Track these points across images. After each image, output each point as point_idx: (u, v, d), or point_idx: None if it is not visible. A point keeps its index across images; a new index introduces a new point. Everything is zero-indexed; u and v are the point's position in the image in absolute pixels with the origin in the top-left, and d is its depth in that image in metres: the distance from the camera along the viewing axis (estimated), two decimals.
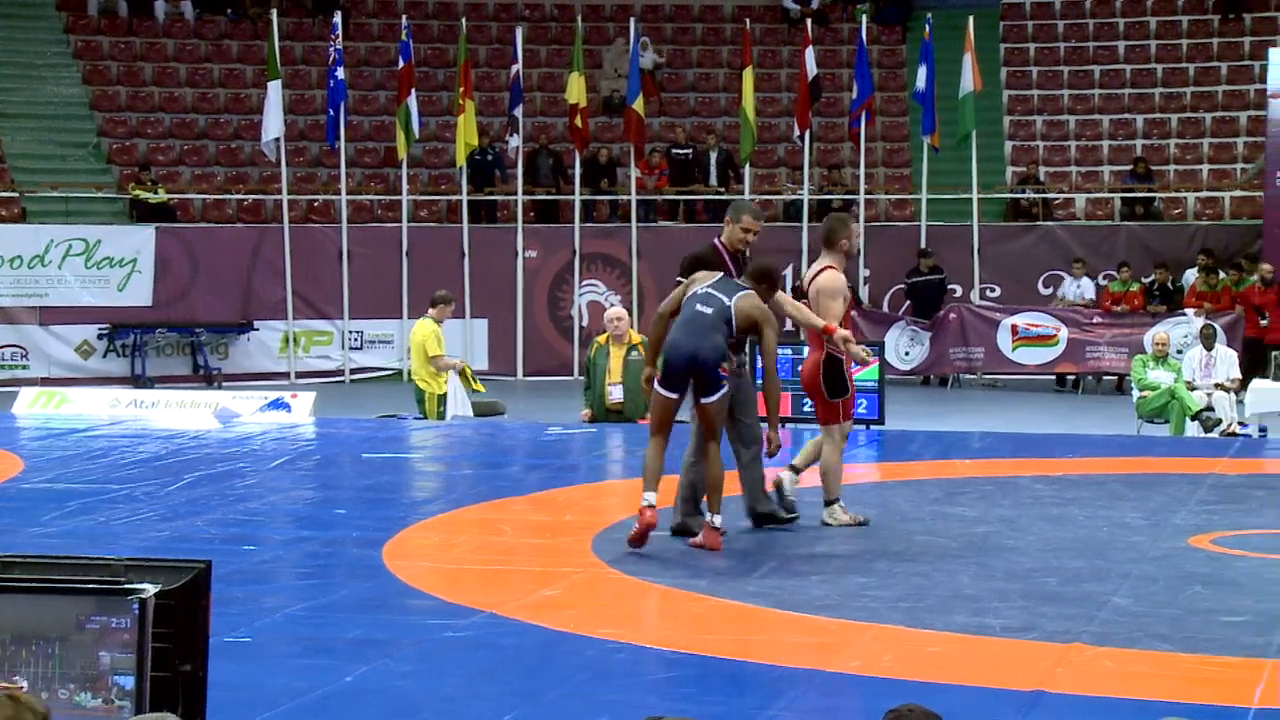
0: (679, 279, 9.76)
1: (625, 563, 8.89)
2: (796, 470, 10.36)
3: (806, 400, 15.36)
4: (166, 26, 27.11)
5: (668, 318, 9.59)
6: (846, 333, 10.13)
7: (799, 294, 10.87)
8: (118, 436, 14.12)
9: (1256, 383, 16.45)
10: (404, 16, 24.79)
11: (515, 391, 21.38)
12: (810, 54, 23.41)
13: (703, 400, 9.46)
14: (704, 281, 9.54)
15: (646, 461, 9.47)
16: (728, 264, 9.86)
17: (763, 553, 9.27)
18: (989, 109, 25.75)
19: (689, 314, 9.42)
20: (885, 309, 23.62)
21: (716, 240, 10.10)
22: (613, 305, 19.49)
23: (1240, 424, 16.45)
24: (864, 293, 23.46)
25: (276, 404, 15.87)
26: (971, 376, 22.54)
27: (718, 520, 9.36)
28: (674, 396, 9.49)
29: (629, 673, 6.72)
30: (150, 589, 3.80)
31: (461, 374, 15.62)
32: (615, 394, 14.41)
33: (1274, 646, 7.04)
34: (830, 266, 10.25)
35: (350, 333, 23.52)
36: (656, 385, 9.49)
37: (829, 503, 10.12)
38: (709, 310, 9.39)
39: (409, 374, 17.15)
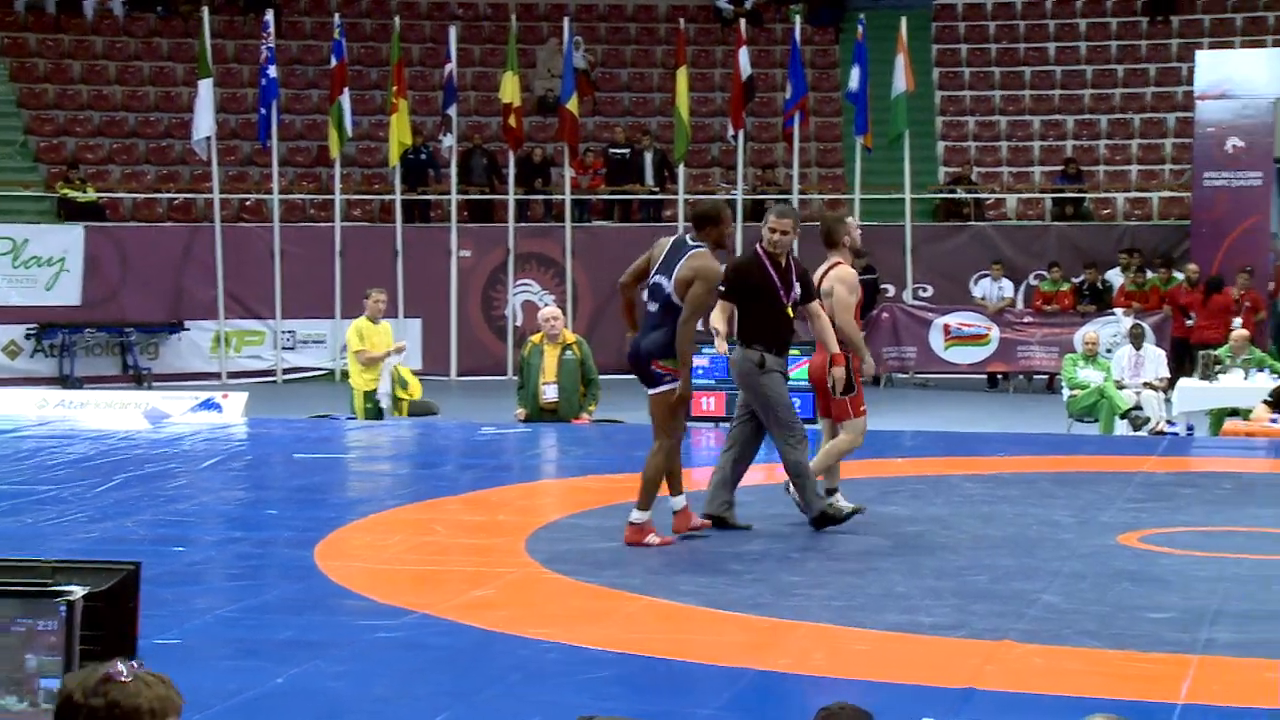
0: (720, 289, 9.75)
1: (558, 563, 8.89)
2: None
3: (796, 398, 15.45)
4: (95, 23, 26.90)
5: (629, 286, 9.67)
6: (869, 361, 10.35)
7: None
8: (46, 437, 14.00)
9: (1184, 382, 16.62)
10: (337, 15, 24.69)
11: (449, 391, 21.33)
12: (744, 54, 23.47)
13: (649, 392, 9.46)
14: (661, 251, 9.50)
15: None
16: (768, 270, 9.84)
17: (696, 552, 9.28)
18: (921, 109, 25.90)
19: (641, 302, 9.50)
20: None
21: (757, 246, 10.05)
22: (547, 305, 19.46)
23: (1168, 422, 16.61)
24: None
25: (207, 404, 15.77)
26: (904, 376, 22.65)
27: (638, 515, 9.37)
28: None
29: (562, 673, 6.72)
30: (78, 591, 3.76)
31: (397, 375, 15.53)
32: (549, 393, 14.41)
33: (1200, 642, 7.11)
34: (840, 262, 10.32)
35: (283, 333, 23.40)
36: None
37: (829, 491, 10.27)
38: (654, 306, 9.45)
39: (342, 374, 17.09)
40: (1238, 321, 18.51)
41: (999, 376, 22.50)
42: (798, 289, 9.90)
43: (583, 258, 24.12)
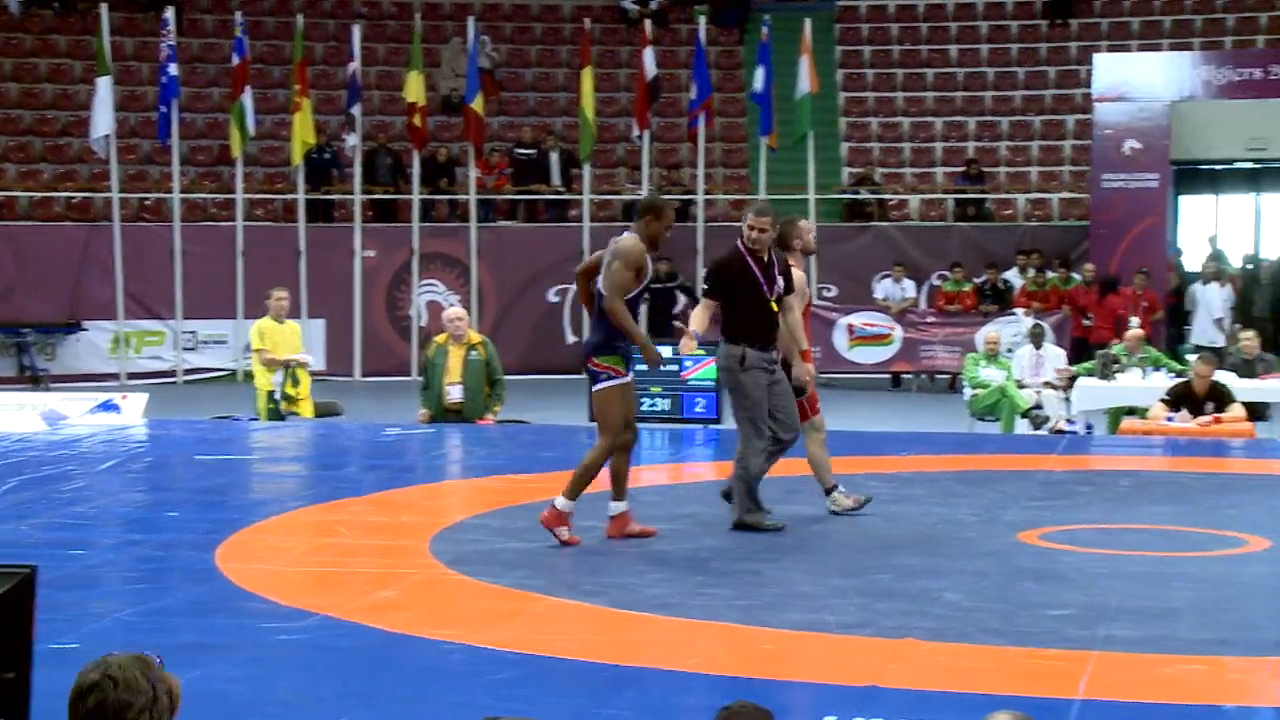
0: (704, 288, 10.00)
1: (463, 563, 8.86)
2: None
3: (645, 399, 15.45)
4: None
5: (583, 275, 9.81)
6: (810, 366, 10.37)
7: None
8: None
9: (1083, 380, 16.79)
10: (238, 12, 24.46)
11: (353, 392, 21.20)
12: (649, 54, 23.50)
13: (592, 389, 9.59)
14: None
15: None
16: (750, 265, 9.90)
17: (602, 552, 9.28)
18: (825, 110, 26.04)
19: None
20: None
21: (739, 242, 10.09)
22: (452, 305, 19.40)
23: (1068, 421, 16.80)
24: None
25: (106, 405, 15.58)
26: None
27: (562, 502, 9.39)
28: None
29: (466, 674, 6.69)
30: None
31: (289, 372, 15.37)
32: (454, 394, 14.36)
33: (1098, 639, 7.19)
34: (793, 265, 10.33)
35: (184, 333, 23.18)
36: None
37: (828, 491, 10.44)
38: (597, 306, 9.53)
39: (245, 374, 16.94)
40: (1135, 321, 18.74)
41: (902, 376, 22.66)
42: (780, 283, 9.97)
43: (488, 258, 24.06)
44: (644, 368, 11.13)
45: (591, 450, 9.56)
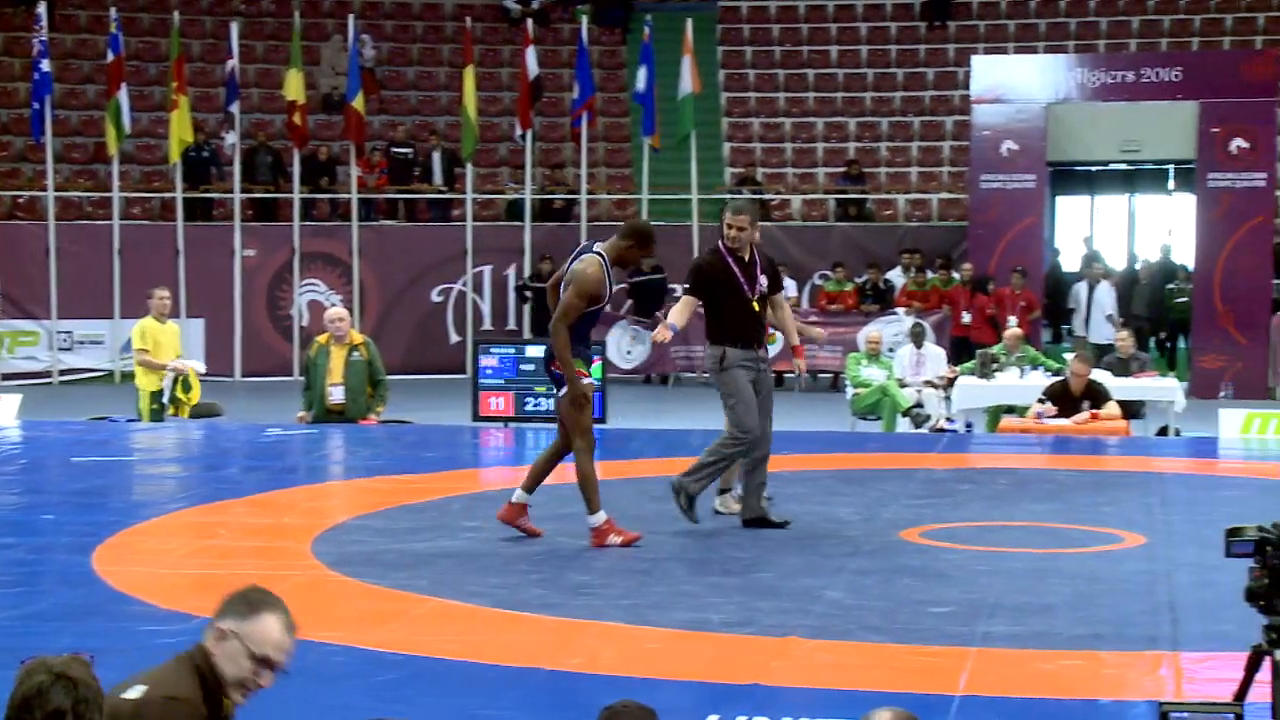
0: (685, 286, 10.07)
1: (346, 565, 8.80)
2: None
3: (529, 399, 15.46)
4: None
5: (554, 288, 9.83)
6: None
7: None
8: None
9: (963, 379, 16.98)
10: (113, 8, 24.11)
11: (233, 392, 20.99)
12: (531, 53, 23.47)
13: (556, 395, 9.65)
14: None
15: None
16: (730, 265, 9.93)
17: (485, 553, 9.25)
18: (708, 110, 26.14)
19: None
20: (607, 308, 23.74)
21: (720, 242, 10.09)
22: (334, 305, 19.26)
23: (948, 419, 16.98)
24: None
25: None
26: (692, 375, 22.82)
27: (593, 519, 9.43)
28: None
29: (349, 675, 6.64)
30: None
31: (176, 380, 15.19)
32: (336, 394, 14.26)
33: (978, 635, 7.27)
34: None
35: (59, 333, 22.84)
36: None
37: (722, 490, 10.51)
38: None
39: (123, 375, 16.72)
40: (1013, 320, 18.97)
41: (784, 375, 22.77)
42: (763, 281, 9.98)
43: (370, 257, 23.92)
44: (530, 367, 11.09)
45: (576, 460, 9.54)
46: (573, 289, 9.40)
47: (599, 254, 9.50)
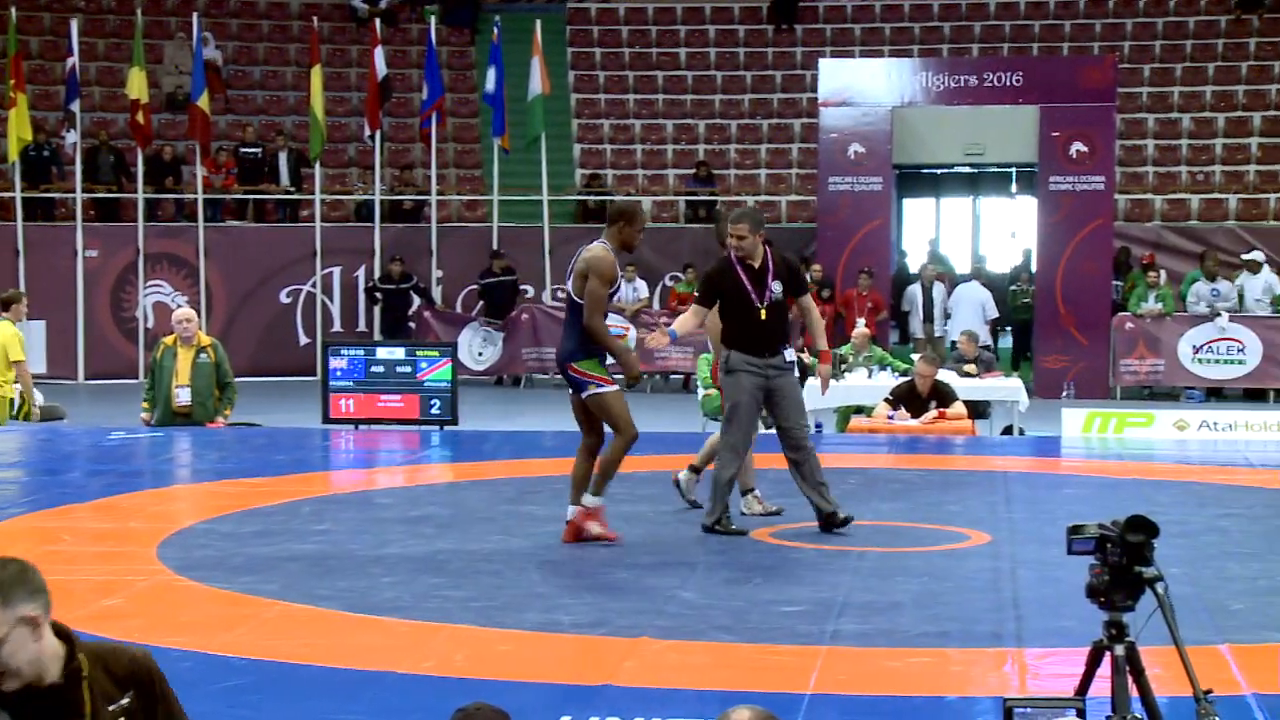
0: (695, 295, 10.05)
1: (192, 569, 8.69)
2: (696, 470, 10.70)
3: (435, 401, 15.38)
4: None
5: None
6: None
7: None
8: None
9: (812, 380, 17.09)
10: None
11: (76, 395, 20.62)
12: (379, 54, 23.31)
13: (581, 396, 9.53)
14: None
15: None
16: (739, 274, 9.85)
17: (336, 557, 9.17)
18: (558, 112, 26.14)
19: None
20: (458, 309, 23.70)
21: (729, 253, 9.99)
22: (180, 306, 18.96)
23: None
24: (437, 294, 23.50)
25: None
26: (544, 376, 22.82)
27: (591, 500, 9.48)
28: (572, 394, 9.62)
29: (196, 681, 6.55)
30: None
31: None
32: (182, 397, 14.08)
33: (827, 634, 7.35)
34: None
35: None
36: None
37: (745, 492, 10.42)
38: (568, 311, 9.55)
39: None
40: (861, 321, 19.17)
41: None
42: (775, 288, 9.89)
43: (217, 258, 23.62)
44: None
45: (611, 449, 9.51)
46: (592, 277, 9.34)
47: (602, 243, 9.52)
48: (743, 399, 9.91)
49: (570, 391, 9.63)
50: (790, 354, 10.10)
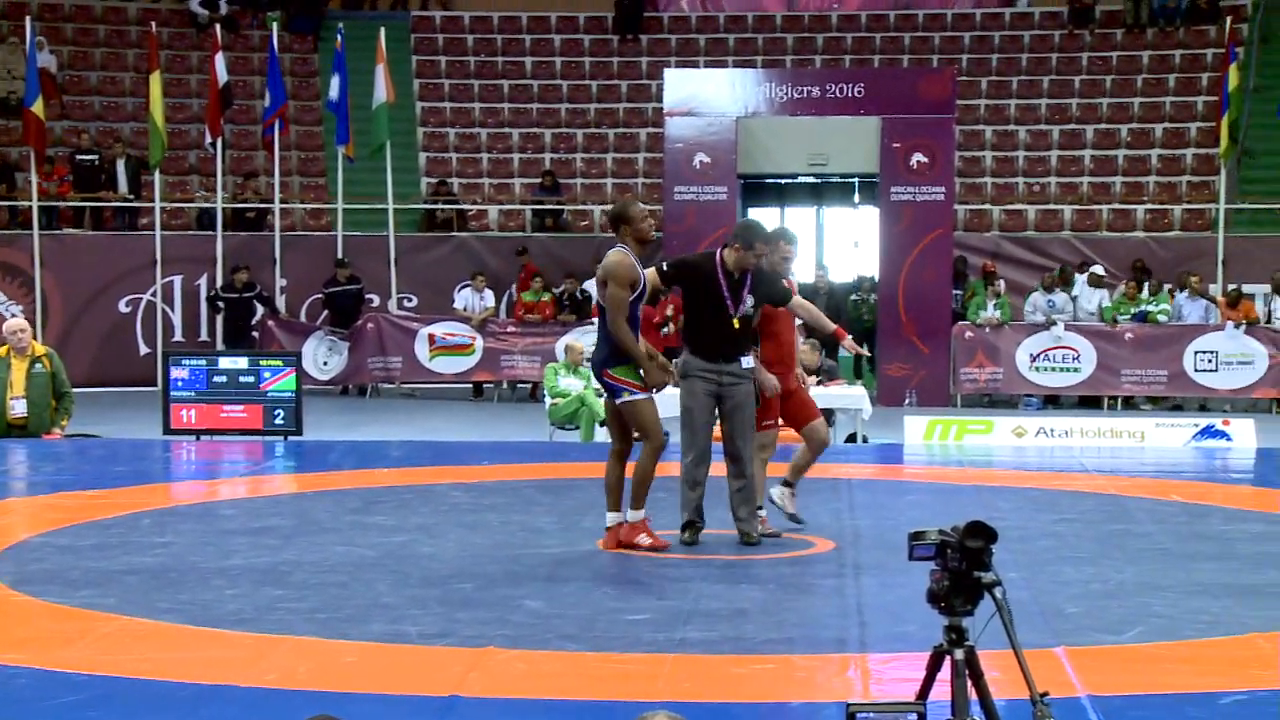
0: (662, 270, 9.99)
1: (28, 584, 8.52)
2: (789, 484, 10.48)
3: (279, 411, 15.21)
4: None
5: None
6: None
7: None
8: None
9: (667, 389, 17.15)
10: None
11: None
12: (220, 60, 23.00)
13: (616, 402, 9.63)
14: None
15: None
16: (719, 277, 9.75)
17: (177, 570, 9.04)
18: (402, 120, 26.01)
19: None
20: (303, 319, 23.48)
21: (719, 251, 9.95)
22: (14, 316, 18.60)
23: None
24: (281, 303, 23.26)
25: None
26: (390, 386, 22.67)
27: (633, 514, 9.56)
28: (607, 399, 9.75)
29: (32, 698, 6.44)
30: None
31: None
32: (18, 408, 13.84)
33: (674, 642, 7.38)
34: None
35: None
36: None
37: (784, 484, 10.50)
38: (599, 318, 9.63)
39: None
40: None
41: (483, 385, 22.79)
42: (748, 301, 9.79)
43: (53, 267, 23.17)
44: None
45: (641, 458, 9.59)
46: (611, 284, 9.44)
47: (619, 247, 9.61)
48: (694, 405, 9.92)
49: (605, 396, 9.80)
50: (748, 361, 9.96)
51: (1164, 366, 21.17)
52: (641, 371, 9.57)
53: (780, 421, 10.46)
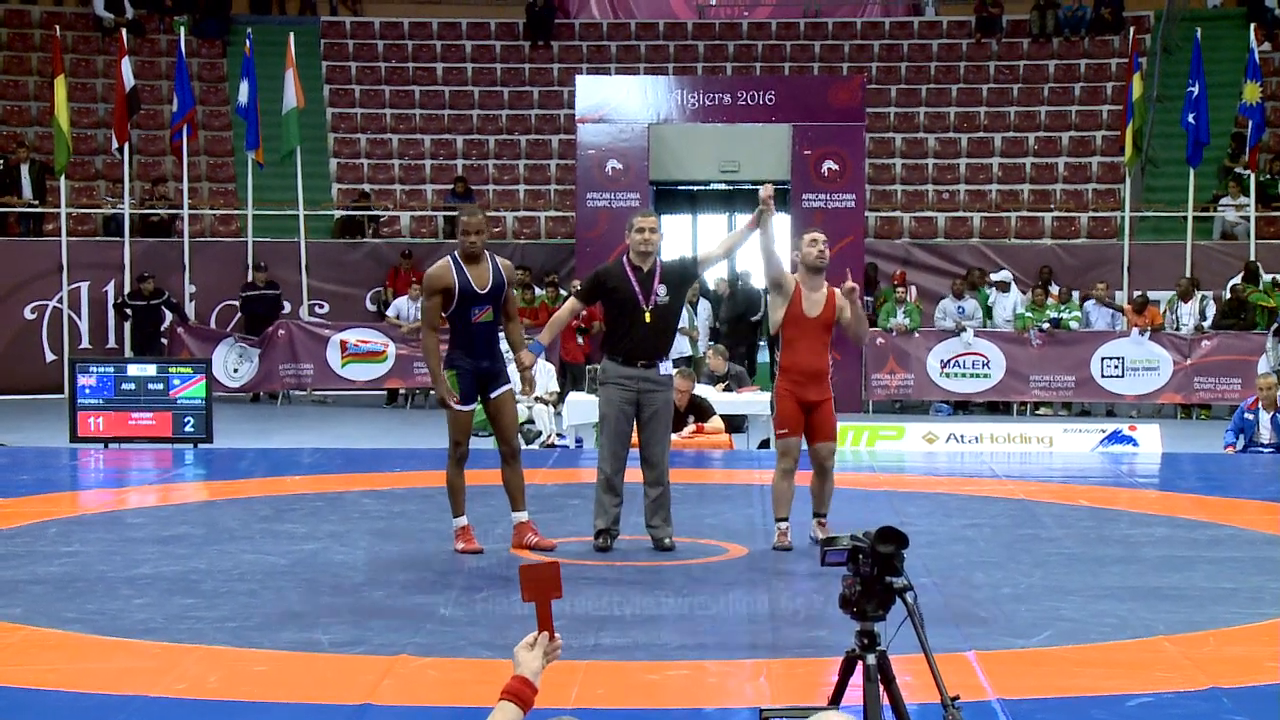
0: (578, 290, 10.16)
1: None
2: (820, 515, 10.10)
3: (188, 418, 15.06)
4: None
5: None
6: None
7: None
8: None
9: (574, 395, 17.19)
10: None
11: None
12: (127, 64, 22.79)
13: None
14: None
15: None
16: (629, 274, 9.75)
17: (84, 579, 8.93)
18: (314, 126, 25.86)
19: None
20: (212, 325, 23.28)
21: (624, 255, 9.91)
22: None
23: (559, 435, 17.17)
24: (190, 309, 23.04)
25: None
26: (302, 393, 22.52)
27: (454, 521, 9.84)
28: None
29: None
30: None
31: None
32: None
33: (587, 648, 7.37)
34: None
35: None
36: None
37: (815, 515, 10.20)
38: None
39: None
40: None
41: (397, 392, 22.69)
42: (660, 291, 9.70)
43: None
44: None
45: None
46: (425, 295, 9.69)
47: (447, 256, 9.70)
48: (610, 412, 9.89)
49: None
50: (666, 368, 9.89)
51: (1072, 372, 21.38)
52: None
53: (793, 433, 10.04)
